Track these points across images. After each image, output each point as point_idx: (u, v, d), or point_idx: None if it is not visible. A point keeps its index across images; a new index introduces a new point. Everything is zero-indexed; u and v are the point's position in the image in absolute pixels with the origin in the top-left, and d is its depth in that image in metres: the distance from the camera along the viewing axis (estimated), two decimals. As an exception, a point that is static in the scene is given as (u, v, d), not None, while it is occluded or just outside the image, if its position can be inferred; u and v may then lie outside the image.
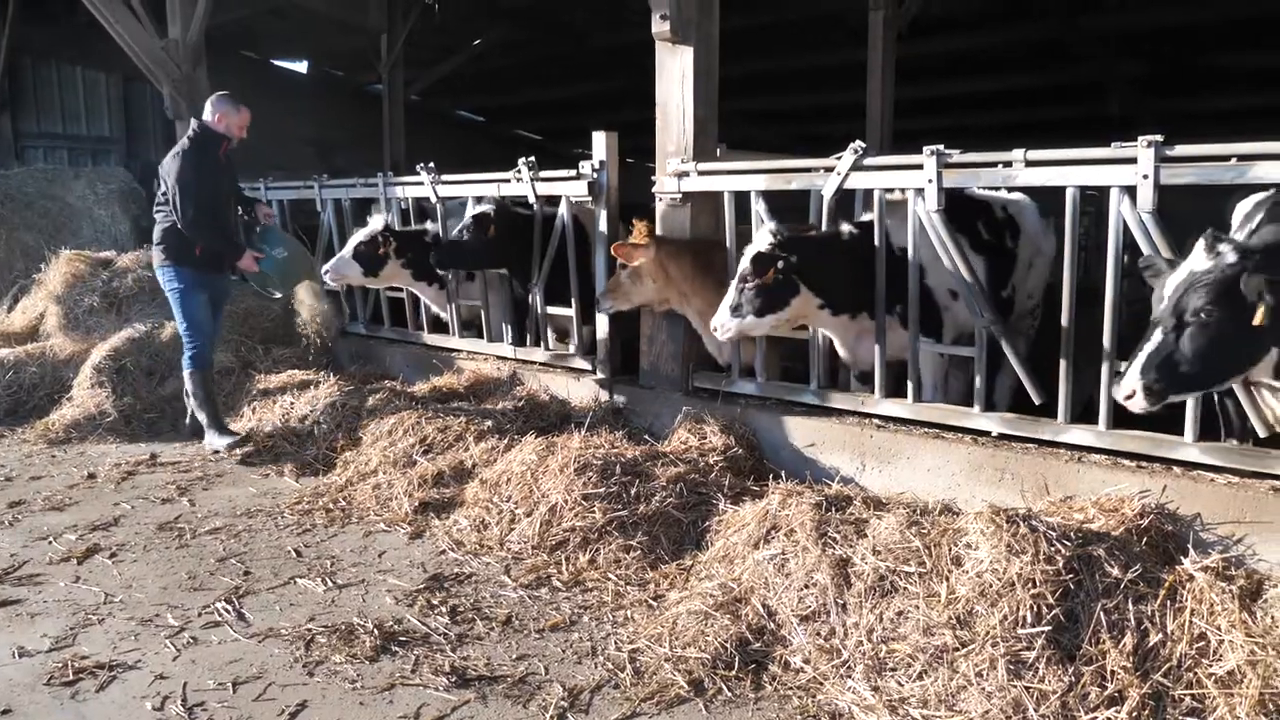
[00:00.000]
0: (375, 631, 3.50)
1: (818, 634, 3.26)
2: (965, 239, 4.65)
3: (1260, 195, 3.73)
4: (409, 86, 12.49)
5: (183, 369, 6.07)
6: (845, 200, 4.81)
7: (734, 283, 4.53)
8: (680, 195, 5.32)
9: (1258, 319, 3.10)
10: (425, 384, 6.55)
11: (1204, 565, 3.17)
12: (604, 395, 5.80)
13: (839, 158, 4.66)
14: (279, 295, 6.54)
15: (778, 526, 3.73)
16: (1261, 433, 3.82)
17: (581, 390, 5.94)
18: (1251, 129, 3.89)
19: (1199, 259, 3.27)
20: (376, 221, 6.67)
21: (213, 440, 5.95)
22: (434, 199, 6.71)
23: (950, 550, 3.32)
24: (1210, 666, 2.86)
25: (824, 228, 4.77)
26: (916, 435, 4.56)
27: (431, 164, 6.71)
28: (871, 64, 8.21)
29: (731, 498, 4.31)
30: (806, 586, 3.41)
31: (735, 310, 4.50)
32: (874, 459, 4.62)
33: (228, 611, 3.74)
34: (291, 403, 6.25)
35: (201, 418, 6.02)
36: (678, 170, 5.29)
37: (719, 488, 4.41)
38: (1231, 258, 3.18)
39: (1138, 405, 3.32)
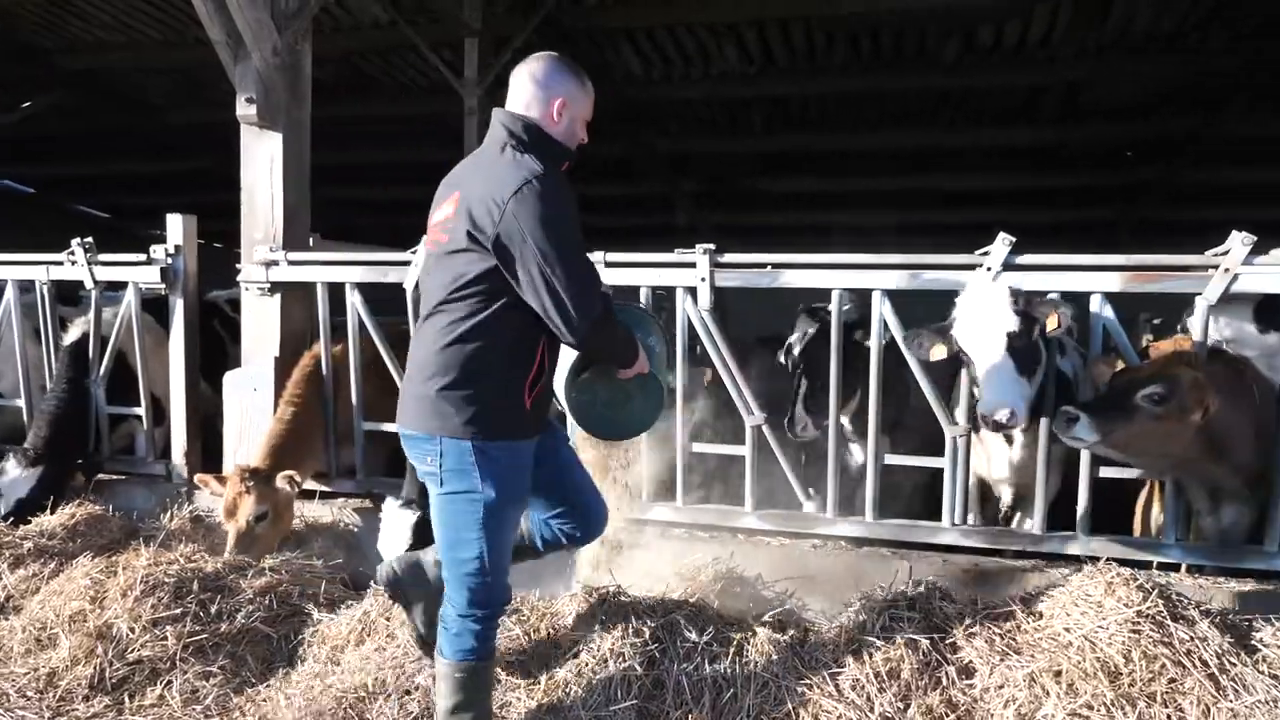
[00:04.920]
0: None
1: (420, 740, 3.15)
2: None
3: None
4: (-70, 148, 10.63)
5: (440, 653, 2.97)
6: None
7: None
8: (269, 285, 5.03)
9: None
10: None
11: (765, 620, 3.55)
12: (183, 503, 5.20)
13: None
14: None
15: (376, 632, 3.58)
16: (801, 498, 4.46)
17: (154, 498, 5.28)
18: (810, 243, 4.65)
19: None
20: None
21: None
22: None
23: (550, 635, 3.41)
24: (773, 712, 3.20)
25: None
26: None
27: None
28: (468, 163, 8.52)
29: (328, 606, 4.06)
30: (408, 693, 3.29)
31: None
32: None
33: None
34: None
35: None
36: (266, 259, 5.00)
37: (314, 596, 4.14)
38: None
39: None
